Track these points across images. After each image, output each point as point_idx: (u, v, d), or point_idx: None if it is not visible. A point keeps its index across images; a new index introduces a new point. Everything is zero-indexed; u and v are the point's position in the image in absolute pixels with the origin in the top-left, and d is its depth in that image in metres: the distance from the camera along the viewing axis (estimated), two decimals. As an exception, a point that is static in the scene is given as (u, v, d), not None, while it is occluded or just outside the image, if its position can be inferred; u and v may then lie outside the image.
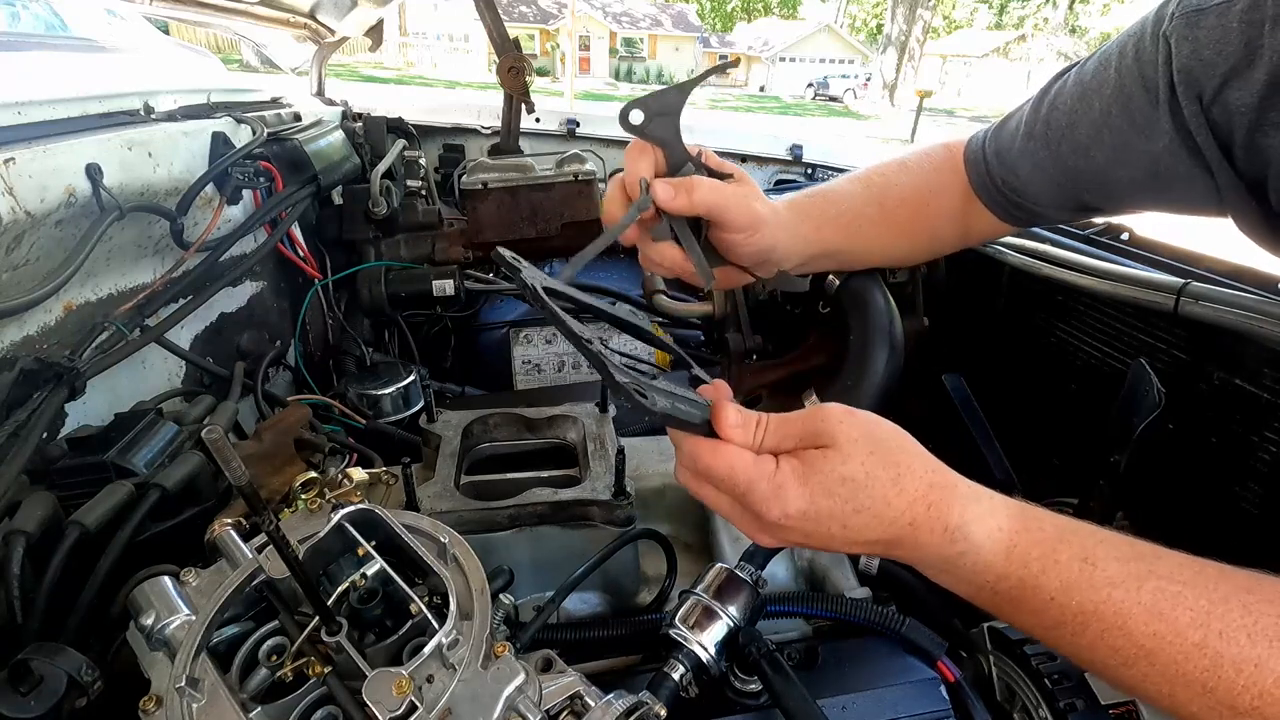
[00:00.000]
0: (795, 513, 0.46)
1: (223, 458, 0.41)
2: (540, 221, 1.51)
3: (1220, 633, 0.42)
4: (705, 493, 0.51)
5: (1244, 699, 0.41)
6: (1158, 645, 0.43)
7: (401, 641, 0.51)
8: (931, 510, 0.47)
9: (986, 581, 0.48)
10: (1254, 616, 0.42)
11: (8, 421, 0.71)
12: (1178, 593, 0.44)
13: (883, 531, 0.47)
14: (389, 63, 26.76)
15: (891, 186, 0.83)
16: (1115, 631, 0.44)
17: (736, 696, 0.60)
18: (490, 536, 0.70)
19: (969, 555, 0.47)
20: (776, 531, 0.48)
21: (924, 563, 0.49)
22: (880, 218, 0.83)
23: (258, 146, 1.16)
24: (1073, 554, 0.46)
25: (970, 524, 0.47)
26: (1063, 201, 0.76)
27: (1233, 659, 0.41)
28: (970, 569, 0.48)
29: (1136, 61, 0.64)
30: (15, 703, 0.49)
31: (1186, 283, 0.84)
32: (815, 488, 0.46)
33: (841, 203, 0.82)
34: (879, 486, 0.46)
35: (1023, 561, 0.47)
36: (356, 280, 1.40)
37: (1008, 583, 0.47)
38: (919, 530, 0.47)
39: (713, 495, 0.50)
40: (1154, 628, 0.43)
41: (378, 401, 1.14)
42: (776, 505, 0.46)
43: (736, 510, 0.49)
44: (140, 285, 0.99)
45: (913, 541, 0.47)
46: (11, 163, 0.75)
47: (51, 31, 1.38)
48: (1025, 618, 0.48)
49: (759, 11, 52.61)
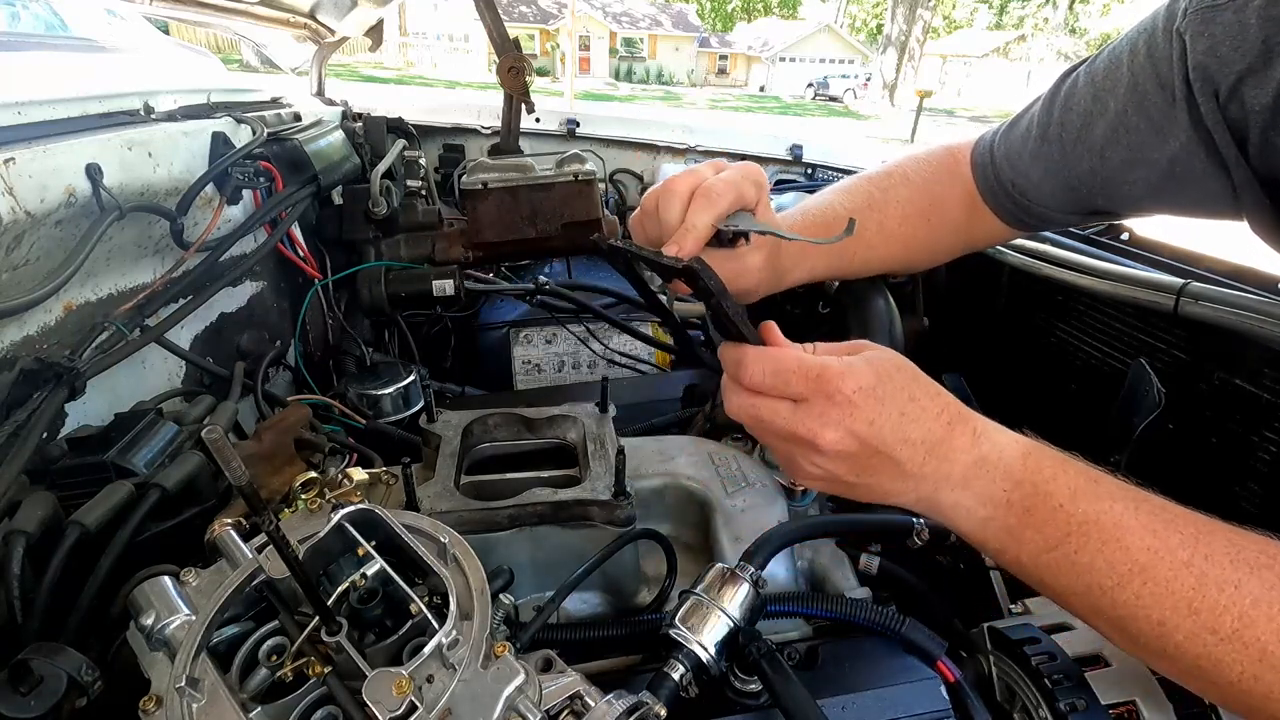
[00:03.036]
0: (866, 385, 0.48)
1: (223, 458, 0.41)
2: (540, 221, 1.51)
3: (1206, 555, 0.44)
4: (762, 406, 0.51)
5: (1225, 620, 0.43)
6: (1151, 560, 0.45)
7: (401, 641, 0.51)
8: (960, 414, 0.51)
9: (1003, 492, 0.50)
10: (1237, 547, 0.44)
11: (8, 421, 0.71)
12: (1170, 518, 0.47)
13: (929, 425, 0.49)
14: (389, 63, 26.76)
15: (891, 203, 0.82)
16: (1114, 544, 0.46)
17: (736, 696, 0.60)
18: (490, 536, 0.70)
19: (992, 458, 0.50)
20: (848, 414, 0.49)
21: (950, 477, 0.50)
22: (878, 234, 0.82)
23: (258, 146, 1.16)
24: (1079, 469, 0.50)
25: (991, 431, 0.51)
26: (1074, 205, 0.75)
27: (1216, 579, 0.43)
28: (990, 477, 0.50)
29: (1150, 59, 0.63)
30: (15, 703, 0.49)
31: (1186, 283, 0.84)
32: (880, 369, 0.50)
33: (834, 224, 0.81)
34: (924, 386, 0.51)
35: (1036, 468, 0.49)
36: (356, 280, 1.40)
37: (1022, 490, 0.49)
38: (953, 430, 0.50)
39: (770, 407, 0.51)
40: (1149, 543, 0.45)
41: (378, 401, 1.14)
42: (851, 378, 0.48)
43: (800, 412, 0.50)
44: (140, 285, 0.99)
45: (947, 445, 0.50)
46: (11, 163, 0.75)
47: (51, 31, 1.38)
48: (1031, 536, 0.49)
49: (759, 11, 52.62)
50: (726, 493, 0.79)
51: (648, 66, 37.86)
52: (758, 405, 0.51)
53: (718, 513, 0.78)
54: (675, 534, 0.80)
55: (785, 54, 37.39)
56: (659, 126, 2.14)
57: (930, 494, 0.51)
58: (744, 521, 0.76)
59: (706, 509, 0.79)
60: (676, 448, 0.85)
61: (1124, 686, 0.61)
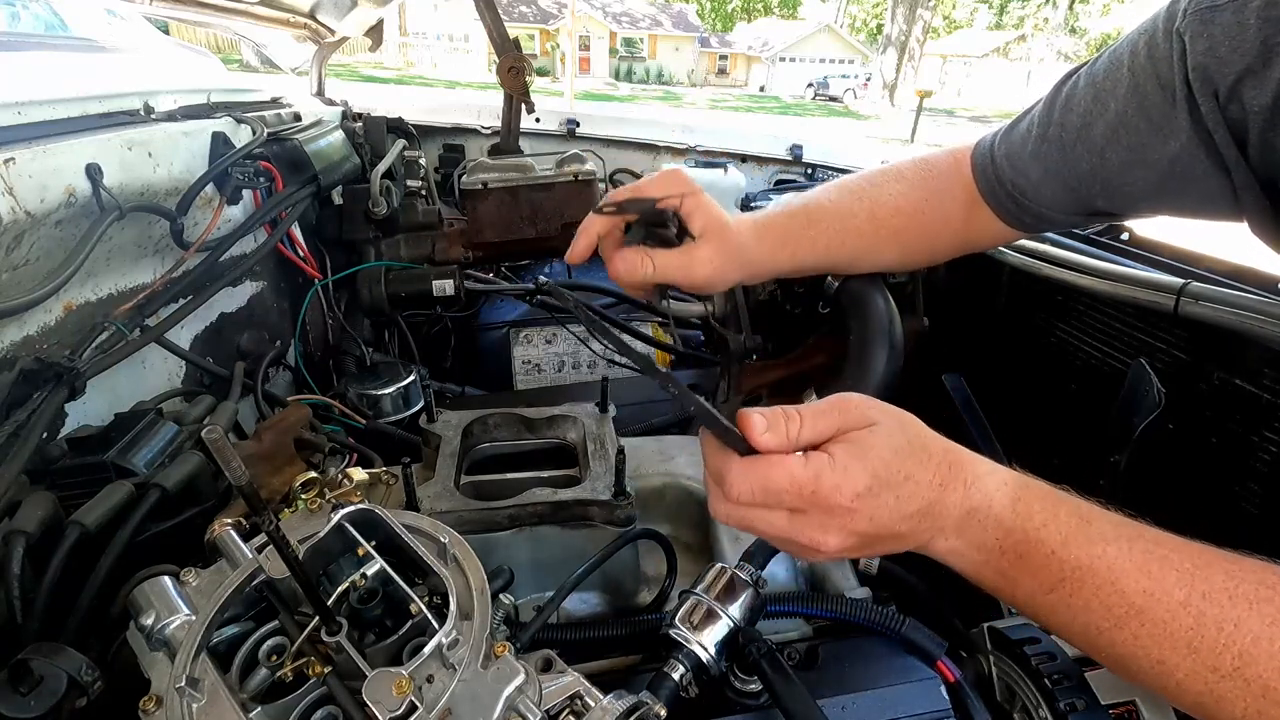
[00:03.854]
0: (863, 489, 0.47)
1: (223, 458, 0.41)
2: (540, 221, 1.51)
3: (1204, 594, 0.44)
4: (755, 518, 0.50)
5: (1225, 659, 0.42)
6: (1148, 603, 0.44)
7: (401, 641, 0.51)
8: (952, 470, 0.49)
9: (995, 540, 0.49)
10: (1235, 581, 0.44)
11: (8, 421, 0.71)
12: (1165, 555, 0.46)
13: (922, 498, 0.49)
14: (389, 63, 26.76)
15: (884, 196, 0.82)
16: (1109, 588, 0.46)
17: (736, 696, 0.60)
18: (490, 536, 0.70)
19: (982, 509, 0.49)
20: (847, 520, 0.48)
21: (944, 529, 0.50)
22: (869, 228, 0.82)
23: (258, 146, 1.16)
24: (1070, 510, 0.49)
25: (982, 477, 0.50)
26: (1074, 206, 0.74)
27: (1215, 618, 0.43)
28: (981, 525, 0.49)
29: (1150, 60, 0.63)
30: (15, 703, 0.49)
31: (1186, 283, 0.84)
32: (874, 462, 0.48)
33: (824, 218, 0.82)
34: (916, 454, 0.49)
35: (1027, 514, 0.49)
36: (356, 280, 1.40)
37: (1013, 538, 0.49)
38: (946, 490, 0.49)
39: (764, 519, 0.50)
40: (1144, 585, 0.45)
41: (378, 401, 1.14)
42: (848, 487, 0.47)
43: (798, 522, 0.49)
44: (140, 285, 0.99)
45: (941, 504, 0.49)
46: (11, 163, 0.75)
47: (51, 31, 1.38)
48: (1026, 580, 0.49)
49: (759, 11, 52.63)
50: (726, 493, 0.79)
51: (648, 66, 37.86)
52: (749, 516, 0.50)
53: (718, 513, 0.78)
54: (675, 534, 0.80)
55: (785, 54, 37.39)
56: (659, 126, 2.13)
57: (927, 543, 0.51)
58: (744, 521, 0.76)
59: (706, 509, 0.79)
60: (676, 448, 0.85)
61: (1124, 687, 0.61)
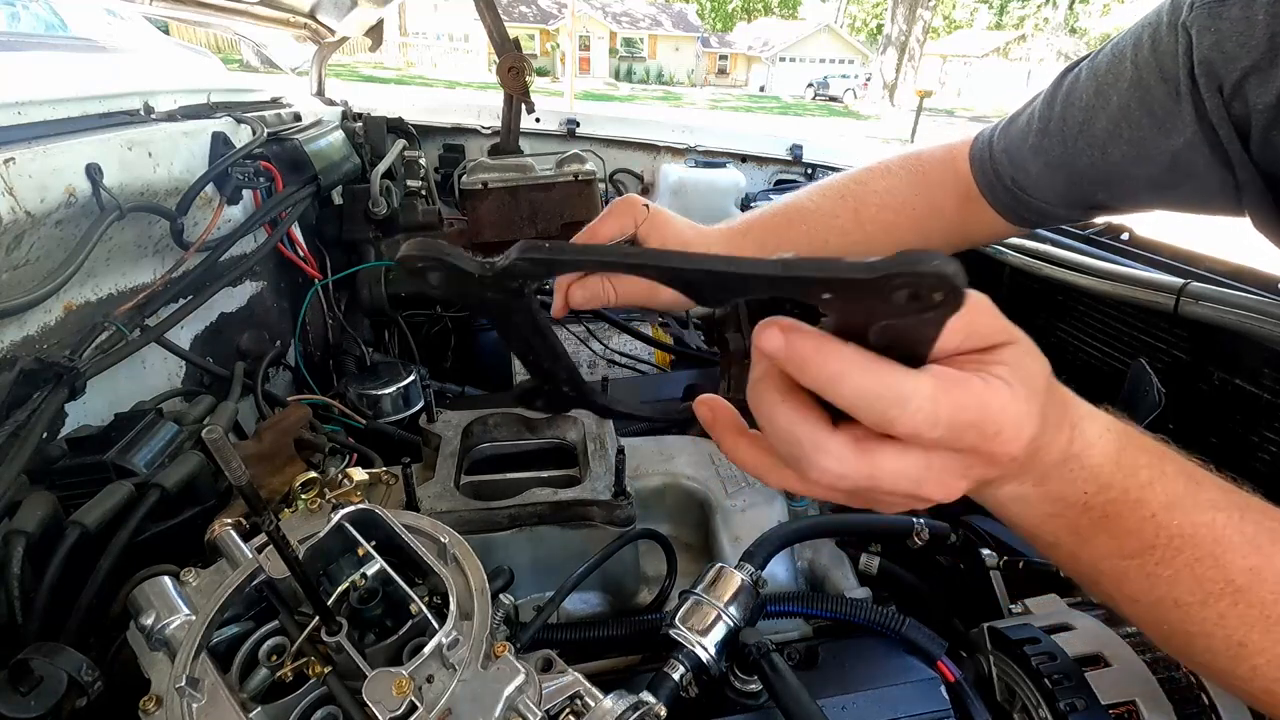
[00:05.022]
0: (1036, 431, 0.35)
1: (223, 458, 0.41)
2: (540, 221, 1.51)
3: None
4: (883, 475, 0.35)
5: None
6: (1250, 581, 0.39)
7: (401, 641, 0.51)
8: (1064, 407, 0.40)
9: (1082, 494, 0.41)
10: None
11: (8, 421, 0.71)
12: (1275, 529, 0.40)
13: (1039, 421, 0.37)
14: (389, 63, 26.76)
15: (870, 194, 0.81)
16: (1208, 561, 0.40)
17: (736, 696, 0.60)
18: (490, 536, 0.70)
19: (1079, 458, 0.40)
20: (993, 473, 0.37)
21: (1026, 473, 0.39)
22: (853, 225, 0.81)
23: (258, 146, 1.16)
24: (1177, 470, 0.42)
25: (1085, 420, 0.41)
26: (1074, 200, 0.74)
27: None
28: (1072, 476, 0.40)
29: (1154, 54, 0.62)
30: (15, 703, 0.49)
31: (1186, 283, 0.84)
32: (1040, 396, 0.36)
33: (804, 219, 0.80)
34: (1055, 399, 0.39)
35: (1131, 470, 0.41)
36: (356, 280, 1.40)
37: (1107, 494, 0.40)
38: (1056, 430, 0.39)
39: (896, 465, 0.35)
40: (1251, 562, 0.39)
41: (378, 401, 1.14)
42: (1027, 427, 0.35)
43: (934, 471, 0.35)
44: (140, 285, 0.99)
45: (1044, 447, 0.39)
46: (11, 163, 0.75)
47: (51, 31, 1.38)
48: (1104, 542, 0.42)
49: (759, 11, 52.63)
50: (726, 492, 0.79)
51: (648, 66, 37.87)
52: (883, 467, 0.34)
53: (717, 512, 0.78)
54: (675, 534, 0.80)
55: (785, 54, 37.41)
56: (659, 126, 2.14)
57: (991, 489, 0.41)
58: (744, 521, 0.77)
59: (706, 509, 0.79)
60: (676, 448, 0.85)
61: (1124, 686, 0.61)
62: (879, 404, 0.32)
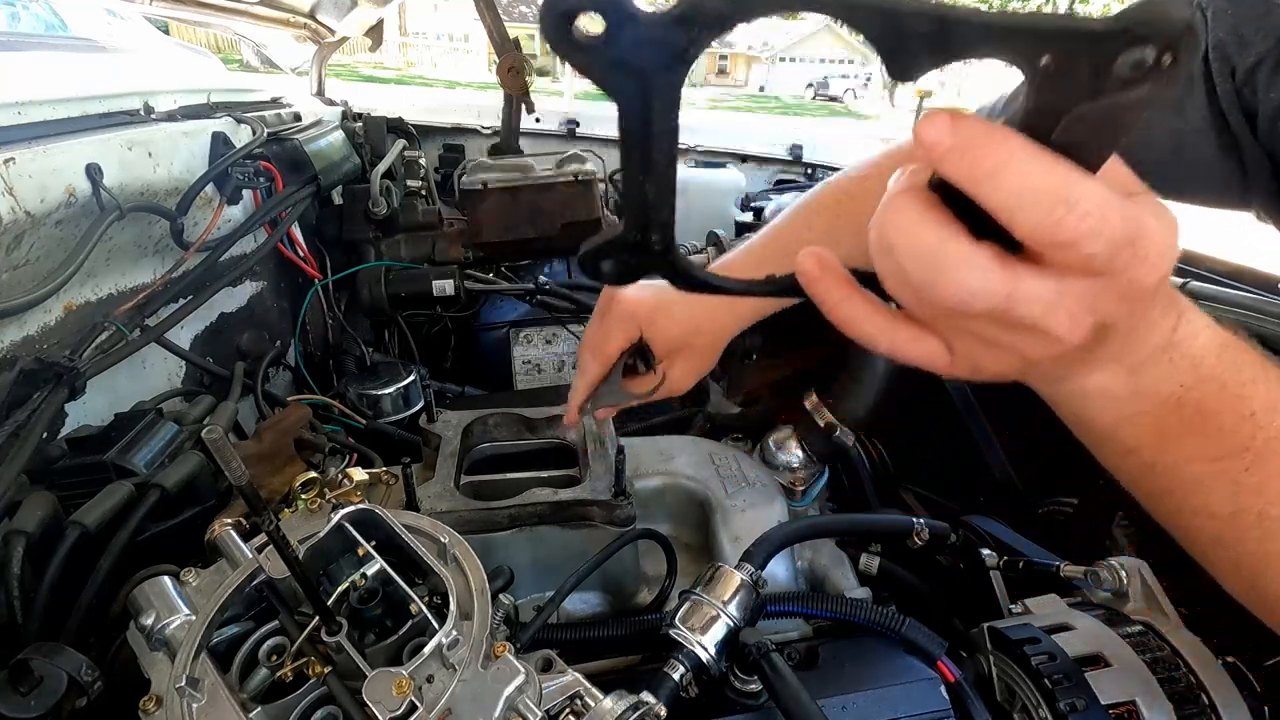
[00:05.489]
0: (1169, 267, 0.33)
1: (223, 458, 0.41)
2: (540, 221, 1.51)
3: None
4: (1021, 296, 0.32)
5: None
6: None
7: (401, 641, 0.51)
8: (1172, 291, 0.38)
9: (1178, 388, 0.38)
10: None
11: (8, 421, 0.71)
12: None
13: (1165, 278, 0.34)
14: (389, 63, 26.74)
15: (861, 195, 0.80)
16: None
17: (736, 696, 0.60)
18: (490, 536, 0.70)
19: (1182, 346, 0.38)
20: (1132, 306, 0.34)
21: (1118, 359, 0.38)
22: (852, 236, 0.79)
23: (258, 146, 1.16)
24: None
25: (1189, 309, 0.38)
26: None
27: None
28: (1171, 366, 0.38)
29: None
30: (15, 703, 0.49)
31: (1186, 282, 0.84)
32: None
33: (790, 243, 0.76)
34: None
35: (1234, 365, 0.38)
36: (356, 280, 1.40)
37: (1205, 388, 0.38)
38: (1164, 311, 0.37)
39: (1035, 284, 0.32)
40: None
41: (378, 401, 1.14)
42: (1170, 254, 0.33)
43: (1068, 299, 0.33)
44: (140, 285, 0.99)
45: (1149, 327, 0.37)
46: (11, 163, 0.75)
47: (51, 31, 1.38)
48: (1192, 442, 0.39)
49: (759, 11, 52.53)
50: (726, 492, 0.79)
51: (648, 66, 37.77)
52: (1022, 285, 0.32)
53: (717, 513, 0.78)
54: (675, 534, 0.80)
55: (785, 54, 37.42)
56: (659, 126, 2.13)
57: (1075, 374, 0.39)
58: (744, 521, 0.76)
59: (706, 509, 0.79)
60: (676, 448, 0.85)
61: (1124, 686, 0.61)
62: (1045, 200, 0.29)
